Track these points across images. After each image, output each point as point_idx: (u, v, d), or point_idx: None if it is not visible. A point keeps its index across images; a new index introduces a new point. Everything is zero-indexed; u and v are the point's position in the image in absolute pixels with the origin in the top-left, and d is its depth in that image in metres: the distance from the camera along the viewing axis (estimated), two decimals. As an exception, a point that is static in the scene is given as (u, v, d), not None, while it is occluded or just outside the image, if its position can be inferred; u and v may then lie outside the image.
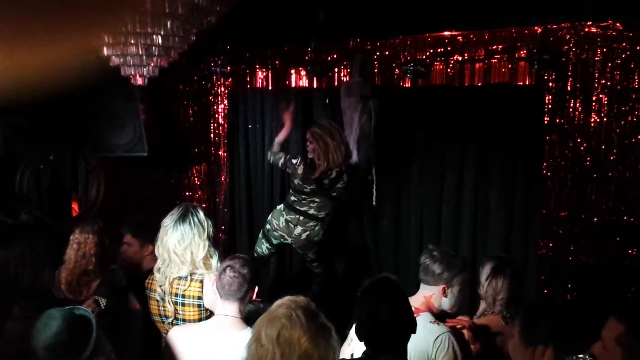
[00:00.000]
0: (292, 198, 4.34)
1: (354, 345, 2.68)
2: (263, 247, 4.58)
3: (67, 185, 5.03)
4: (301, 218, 4.32)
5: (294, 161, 4.24)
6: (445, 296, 2.74)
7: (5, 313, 2.36)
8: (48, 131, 4.55)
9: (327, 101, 4.85)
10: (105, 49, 2.61)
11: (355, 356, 2.53)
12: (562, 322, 2.31)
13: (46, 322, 1.99)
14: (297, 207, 4.29)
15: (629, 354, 1.81)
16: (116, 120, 4.83)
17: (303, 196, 4.27)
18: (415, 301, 2.70)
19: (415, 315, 2.23)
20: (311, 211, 4.30)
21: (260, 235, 4.61)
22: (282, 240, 4.45)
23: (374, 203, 4.73)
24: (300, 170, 4.18)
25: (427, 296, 2.74)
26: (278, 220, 4.35)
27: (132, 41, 2.57)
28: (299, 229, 4.33)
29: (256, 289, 2.51)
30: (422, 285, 2.78)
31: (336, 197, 4.32)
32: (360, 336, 2.14)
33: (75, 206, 5.15)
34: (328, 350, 1.81)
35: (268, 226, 4.50)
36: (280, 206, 4.48)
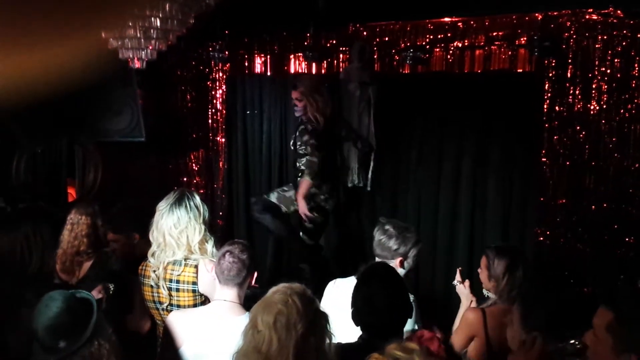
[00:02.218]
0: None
1: None
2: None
3: (64, 170, 5.01)
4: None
5: (301, 151, 4.20)
6: (402, 267, 2.78)
7: (18, 299, 2.35)
8: (45, 117, 4.51)
9: (326, 87, 4.83)
10: (103, 31, 2.59)
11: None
12: (558, 309, 2.32)
13: (47, 304, 1.99)
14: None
15: (619, 342, 1.83)
16: (113, 105, 4.81)
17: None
18: None
19: None
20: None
21: None
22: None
23: (368, 188, 4.74)
24: (316, 159, 4.16)
25: None
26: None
27: (130, 24, 2.55)
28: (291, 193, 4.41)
29: (255, 274, 2.50)
30: (377, 259, 2.79)
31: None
32: (357, 321, 2.14)
33: (72, 191, 5.14)
34: (324, 336, 1.82)
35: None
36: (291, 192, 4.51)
